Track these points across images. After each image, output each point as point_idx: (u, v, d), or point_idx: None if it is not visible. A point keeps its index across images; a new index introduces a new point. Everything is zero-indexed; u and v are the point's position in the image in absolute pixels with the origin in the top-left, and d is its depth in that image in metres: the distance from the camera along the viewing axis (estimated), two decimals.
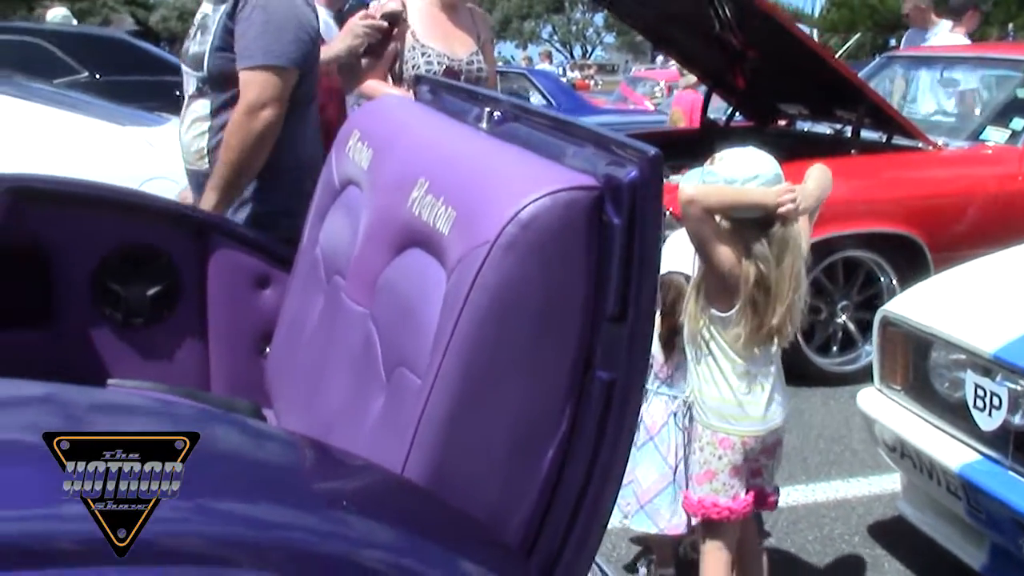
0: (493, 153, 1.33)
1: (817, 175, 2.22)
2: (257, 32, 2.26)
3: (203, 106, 2.42)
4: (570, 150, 1.24)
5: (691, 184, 2.11)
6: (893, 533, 3.09)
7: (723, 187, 2.08)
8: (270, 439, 1.17)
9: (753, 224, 2.07)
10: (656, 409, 2.45)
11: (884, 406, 2.85)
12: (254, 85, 2.26)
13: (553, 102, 10.76)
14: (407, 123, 1.66)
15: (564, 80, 24.56)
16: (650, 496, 2.41)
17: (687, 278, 2.29)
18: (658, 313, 2.28)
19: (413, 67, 3.97)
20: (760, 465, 2.23)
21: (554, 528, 1.20)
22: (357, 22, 3.11)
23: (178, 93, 5.24)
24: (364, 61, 3.39)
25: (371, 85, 3.99)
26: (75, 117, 3.92)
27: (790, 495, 3.38)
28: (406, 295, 1.32)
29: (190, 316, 2.02)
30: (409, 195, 1.37)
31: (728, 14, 4.66)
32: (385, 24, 3.16)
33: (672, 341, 2.39)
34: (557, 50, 53.66)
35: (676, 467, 2.40)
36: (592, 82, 25.92)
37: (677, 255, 2.40)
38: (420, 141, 1.53)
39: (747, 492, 2.19)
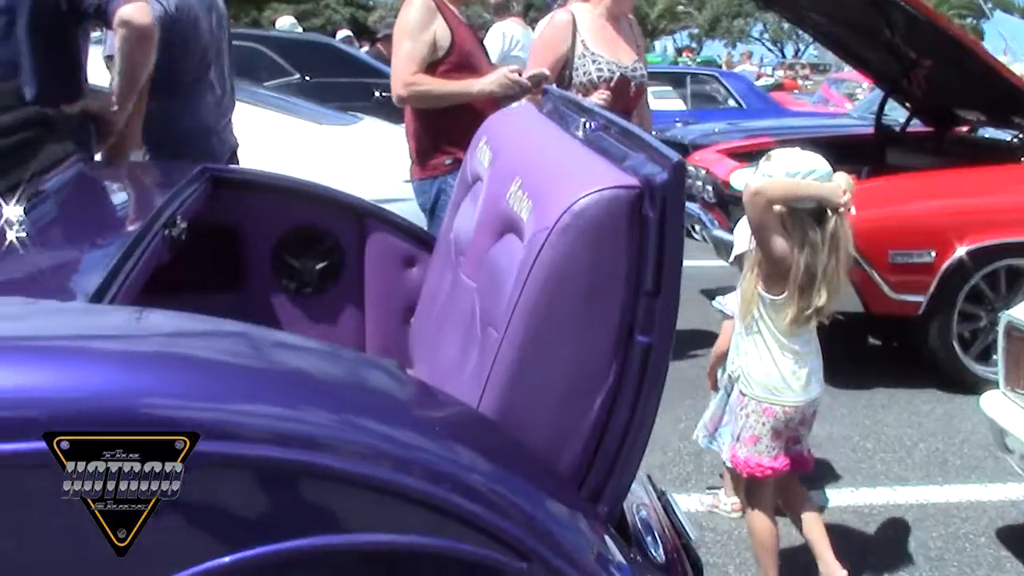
0: (573, 156, 1.61)
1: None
2: None
3: None
4: (629, 155, 1.50)
5: (758, 177, 2.37)
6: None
7: (788, 180, 2.34)
8: (403, 383, 1.47)
9: (808, 215, 2.33)
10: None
11: (1008, 409, 2.92)
12: None
13: (743, 104, 10.79)
14: (520, 129, 1.96)
15: (771, 79, 24.21)
16: (715, 427, 2.94)
17: None
18: None
19: (584, 73, 4.27)
20: (799, 434, 2.56)
21: (601, 464, 1.46)
22: (507, 74, 3.39)
23: (377, 94, 5.76)
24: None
25: None
26: (280, 116, 4.44)
27: (922, 493, 3.47)
28: (498, 270, 1.62)
29: (351, 288, 2.40)
30: (508, 190, 1.67)
31: (896, 21, 4.69)
32: (530, 85, 3.45)
33: None
34: (768, 49, 52.33)
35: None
36: (801, 82, 25.37)
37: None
38: (524, 145, 1.83)
39: (785, 455, 2.51)
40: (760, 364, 2.48)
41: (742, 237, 2.72)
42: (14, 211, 1.59)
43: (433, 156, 3.43)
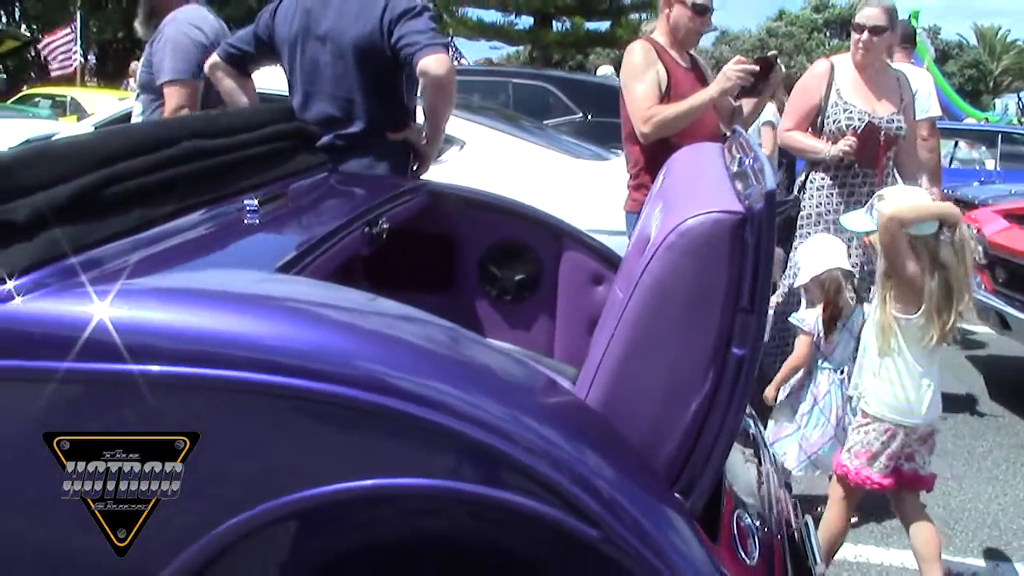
0: (706, 185, 1.76)
1: None
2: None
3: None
4: (749, 186, 1.64)
5: (889, 205, 2.62)
6: None
7: (914, 204, 2.60)
8: (532, 374, 1.65)
9: (932, 237, 2.55)
10: (822, 379, 3.26)
11: None
12: (170, 96, 3.38)
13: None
14: (687, 162, 2.12)
15: None
16: (815, 449, 3.15)
17: (844, 273, 3.20)
18: (822, 304, 3.24)
19: (834, 121, 4.31)
20: (914, 451, 2.74)
21: (694, 462, 1.60)
22: (731, 67, 3.49)
23: None
24: (743, 102, 3.77)
25: (790, 136, 4.39)
26: (542, 150, 4.79)
27: None
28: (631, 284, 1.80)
29: (545, 299, 2.65)
30: (653, 212, 1.85)
31: None
32: (756, 68, 3.48)
33: (833, 325, 3.21)
34: None
35: (836, 426, 3.16)
36: None
37: (826, 255, 3.30)
38: (681, 174, 1.99)
39: (894, 473, 2.72)
40: (890, 387, 2.69)
41: (807, 265, 3.33)
42: (252, 202, 1.97)
43: (637, 190, 3.61)
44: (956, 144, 11.15)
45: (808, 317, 3.41)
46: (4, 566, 1.53)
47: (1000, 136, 11.35)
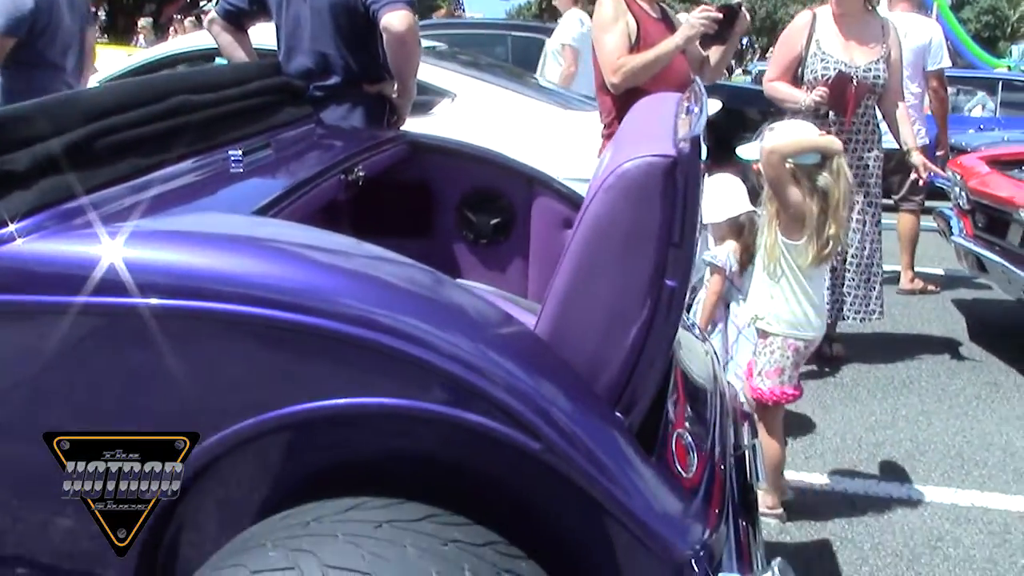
0: (648, 131, 1.91)
1: None
2: None
3: None
4: (684, 132, 1.79)
5: (772, 138, 2.88)
6: None
7: (795, 137, 2.87)
8: (484, 303, 1.81)
9: (813, 165, 2.81)
10: (740, 312, 3.53)
11: None
12: None
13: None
14: (642, 111, 2.27)
15: None
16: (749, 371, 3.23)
17: (751, 213, 3.37)
18: (735, 241, 3.55)
19: (811, 71, 4.43)
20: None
21: (634, 386, 1.77)
22: (695, 14, 3.62)
23: None
24: (712, 50, 3.89)
25: (772, 86, 4.51)
26: (532, 101, 4.93)
27: None
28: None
29: (518, 243, 2.81)
30: (604, 158, 2.00)
31: None
32: (720, 15, 3.60)
33: (749, 260, 3.44)
34: None
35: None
36: None
37: (737, 197, 3.59)
38: (632, 123, 2.14)
39: (798, 383, 3.03)
40: (786, 305, 2.96)
41: (722, 206, 3.60)
42: (236, 152, 2.14)
43: (609, 139, 3.75)
44: (957, 92, 11.17)
45: (720, 253, 3.66)
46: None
47: (1001, 83, 11.37)
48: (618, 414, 1.76)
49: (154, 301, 1.58)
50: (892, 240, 6.29)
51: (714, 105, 5.22)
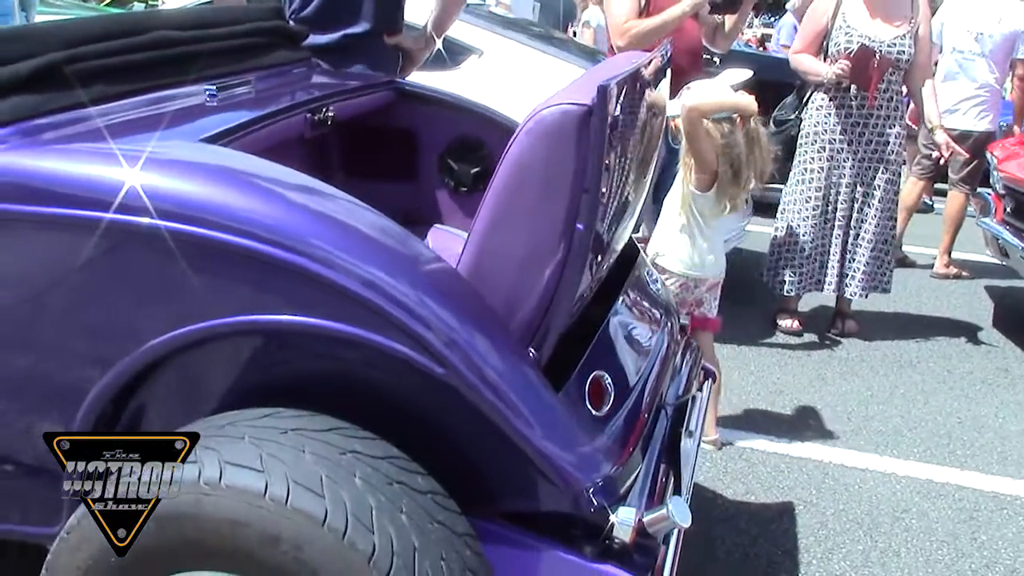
0: (581, 83, 1.99)
1: None
2: None
3: None
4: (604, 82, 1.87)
5: (691, 97, 3.04)
6: None
7: (713, 96, 3.01)
8: (413, 244, 1.92)
9: (728, 125, 2.96)
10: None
11: None
12: None
13: None
14: (600, 67, 2.34)
15: None
16: None
17: None
18: None
19: (835, 44, 4.42)
20: (703, 299, 3.29)
21: (547, 324, 1.87)
22: None
23: None
24: (726, 18, 3.91)
25: (796, 58, 4.51)
26: (556, 60, 4.98)
27: None
28: None
29: None
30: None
31: None
32: None
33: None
34: None
35: None
36: None
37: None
38: (579, 81, 2.22)
39: (693, 317, 3.29)
40: (685, 247, 3.20)
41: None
42: (211, 87, 2.27)
43: None
44: None
45: None
46: None
47: None
48: (530, 350, 1.86)
49: (102, 214, 1.72)
50: (935, 225, 6.26)
51: (744, 74, 5.21)
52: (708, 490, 3.24)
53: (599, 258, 2.01)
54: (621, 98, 1.90)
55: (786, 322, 4.86)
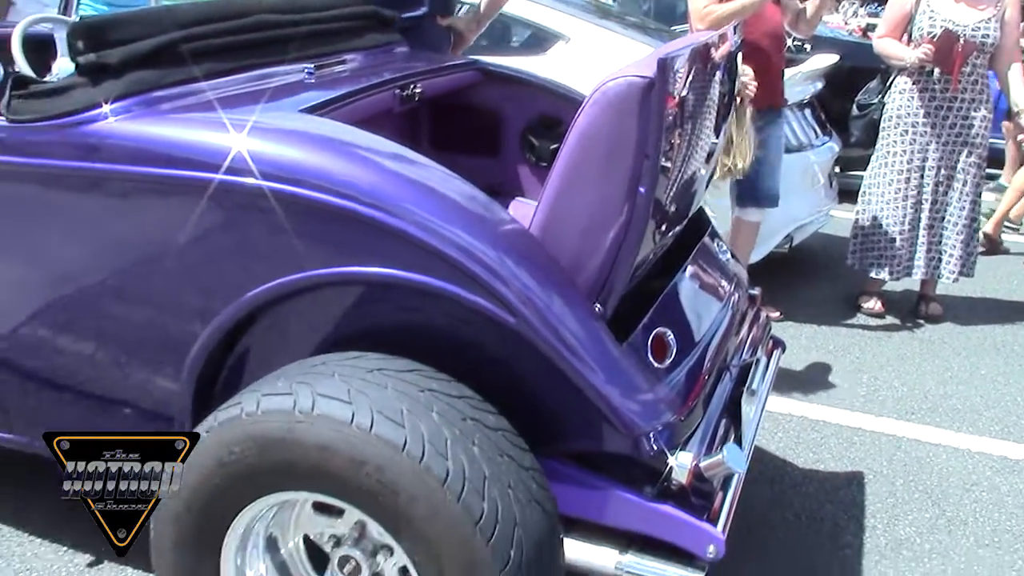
0: (643, 61, 2.12)
1: None
2: None
3: None
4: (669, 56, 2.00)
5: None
6: None
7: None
8: (495, 210, 2.09)
9: None
10: None
11: None
12: None
13: None
14: (663, 47, 2.47)
15: None
16: None
17: None
18: None
19: (918, 28, 4.44)
20: None
21: (612, 280, 2.01)
22: None
23: None
24: (807, 3, 3.97)
25: (880, 42, 4.55)
26: (642, 46, 5.09)
27: None
28: None
29: None
30: None
31: None
32: None
33: None
34: None
35: None
36: None
37: None
38: (646, 56, 2.35)
39: None
40: None
41: None
42: (309, 65, 2.48)
43: None
44: None
45: None
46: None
47: None
48: (596, 304, 2.01)
49: (212, 175, 1.94)
50: None
51: (830, 59, 5.25)
52: (778, 458, 3.34)
53: (664, 223, 2.15)
54: (685, 71, 2.03)
55: (869, 304, 4.88)
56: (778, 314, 4.65)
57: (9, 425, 2.41)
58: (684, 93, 2.04)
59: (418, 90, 2.65)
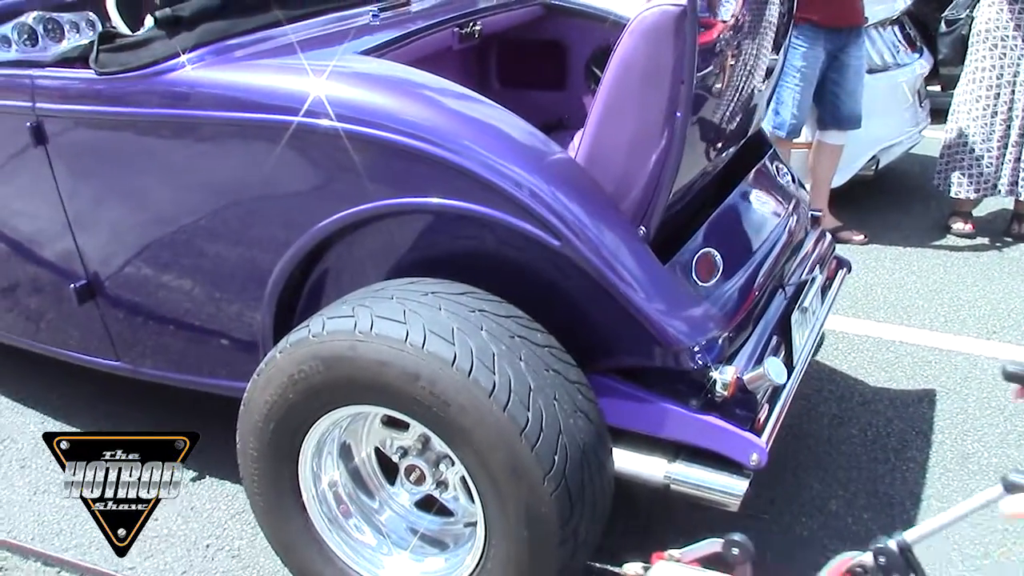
0: None
1: None
2: None
3: None
4: None
5: None
6: None
7: None
8: (541, 140, 2.20)
9: None
10: None
11: None
12: None
13: None
14: None
15: None
16: None
17: None
18: None
19: None
20: None
21: (654, 203, 2.11)
22: None
23: None
24: None
25: None
26: None
27: None
28: None
29: None
30: None
31: None
32: None
33: None
34: None
35: None
36: None
37: None
38: None
39: None
40: None
41: None
42: (374, 8, 2.62)
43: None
44: None
45: None
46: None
47: None
48: (640, 227, 2.11)
49: (278, 117, 2.10)
50: None
51: None
52: (850, 377, 3.39)
53: (716, 143, 2.21)
54: None
55: (958, 225, 4.81)
56: (862, 237, 4.63)
57: (116, 354, 2.66)
58: (729, 16, 2.09)
59: (477, 27, 2.75)
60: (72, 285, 2.54)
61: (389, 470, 2.25)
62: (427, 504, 2.22)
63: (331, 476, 2.19)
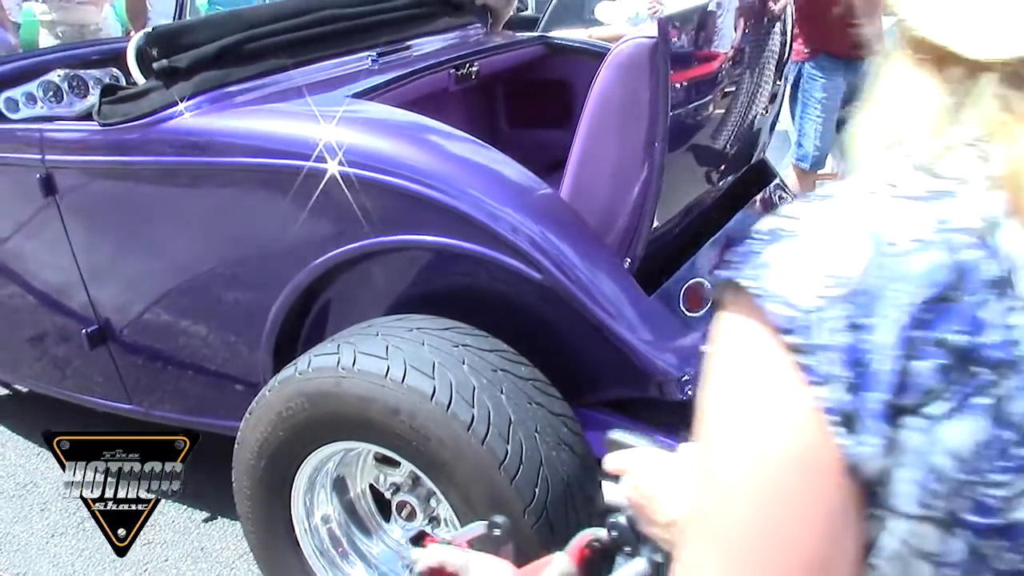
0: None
1: None
2: None
3: None
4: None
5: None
6: None
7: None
8: (528, 177, 2.22)
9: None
10: None
11: None
12: None
13: None
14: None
15: None
16: None
17: None
18: None
19: None
20: None
21: (638, 234, 2.11)
22: None
23: None
24: None
25: None
26: None
27: None
28: None
29: None
30: None
31: None
32: None
33: None
34: None
35: None
36: None
37: None
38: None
39: None
40: None
41: None
42: (373, 53, 2.68)
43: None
44: None
45: None
46: None
47: None
48: (626, 258, 2.12)
49: (278, 161, 2.16)
50: None
51: None
52: None
53: (713, 171, 2.22)
54: (698, 29, 2.10)
55: None
56: None
57: (128, 397, 2.72)
58: (702, 48, 2.11)
59: (475, 68, 2.79)
60: (84, 330, 2.62)
61: (385, 509, 2.26)
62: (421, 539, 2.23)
63: (325, 510, 2.21)
